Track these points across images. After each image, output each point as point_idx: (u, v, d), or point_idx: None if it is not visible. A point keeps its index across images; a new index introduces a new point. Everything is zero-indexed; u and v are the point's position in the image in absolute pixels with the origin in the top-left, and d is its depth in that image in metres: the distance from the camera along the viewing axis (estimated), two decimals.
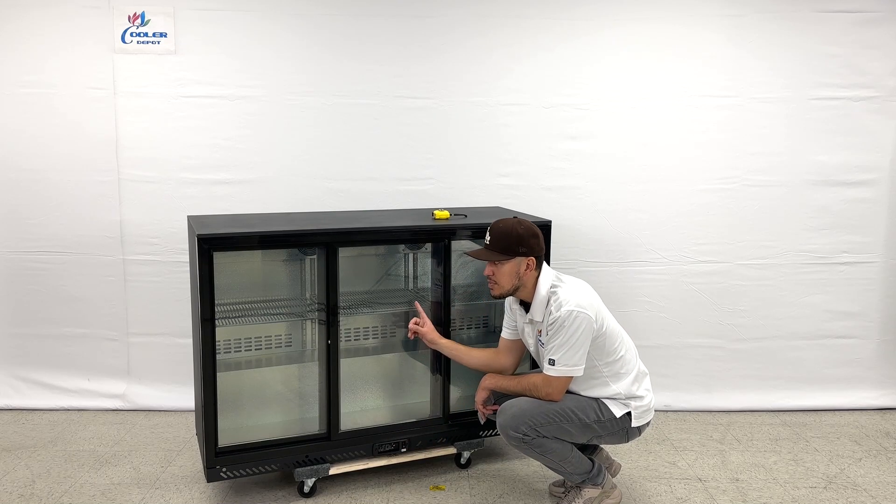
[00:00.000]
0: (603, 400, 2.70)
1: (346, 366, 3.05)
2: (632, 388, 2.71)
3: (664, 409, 3.88)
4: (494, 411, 2.82)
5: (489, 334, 3.51)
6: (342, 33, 3.61)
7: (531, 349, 2.84)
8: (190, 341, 3.37)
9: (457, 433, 3.13)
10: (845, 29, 3.68)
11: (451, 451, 3.13)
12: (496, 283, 2.70)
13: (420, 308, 3.01)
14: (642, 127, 3.73)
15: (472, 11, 3.64)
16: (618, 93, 3.70)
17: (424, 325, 2.97)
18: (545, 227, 3.12)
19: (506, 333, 2.94)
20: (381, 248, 3.30)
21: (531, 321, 2.73)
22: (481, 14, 3.65)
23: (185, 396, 3.68)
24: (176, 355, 3.70)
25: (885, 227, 3.85)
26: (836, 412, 3.90)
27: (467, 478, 3.11)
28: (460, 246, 3.31)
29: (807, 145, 3.76)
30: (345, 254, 2.98)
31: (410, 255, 3.35)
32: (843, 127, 3.76)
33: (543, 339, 2.67)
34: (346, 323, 3.25)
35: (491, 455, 3.31)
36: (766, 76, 3.71)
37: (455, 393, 3.18)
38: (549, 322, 2.61)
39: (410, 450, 3.06)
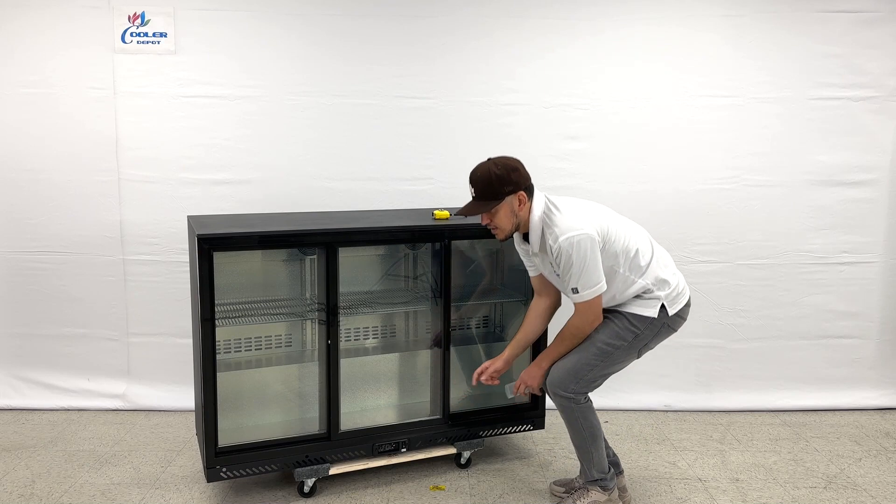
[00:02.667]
0: (633, 312, 2.65)
1: (346, 366, 3.05)
2: (658, 274, 2.65)
3: (664, 409, 3.88)
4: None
5: (489, 334, 3.52)
6: (342, 33, 3.61)
7: (553, 278, 2.75)
8: (190, 341, 3.37)
9: (457, 433, 3.13)
10: (845, 29, 3.68)
11: (451, 451, 3.13)
12: (497, 228, 2.65)
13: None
14: (642, 127, 3.73)
15: (472, 12, 3.65)
16: (618, 93, 3.70)
17: (492, 364, 2.89)
18: None
19: (530, 273, 2.89)
20: (381, 248, 3.30)
21: (536, 253, 2.68)
22: (482, 14, 3.65)
23: (185, 396, 3.68)
24: (176, 355, 3.70)
25: (885, 227, 3.85)
26: (836, 412, 3.90)
27: (467, 478, 3.11)
28: (460, 246, 3.31)
29: (807, 145, 3.77)
30: (345, 254, 2.98)
31: (410, 255, 3.35)
32: (843, 127, 3.76)
33: (557, 270, 2.63)
34: (346, 323, 3.25)
35: (491, 455, 3.31)
36: (766, 76, 3.71)
37: (455, 393, 3.18)
38: (554, 256, 2.56)
39: (410, 450, 3.06)
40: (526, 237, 2.71)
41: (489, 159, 2.67)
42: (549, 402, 3.34)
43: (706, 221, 3.79)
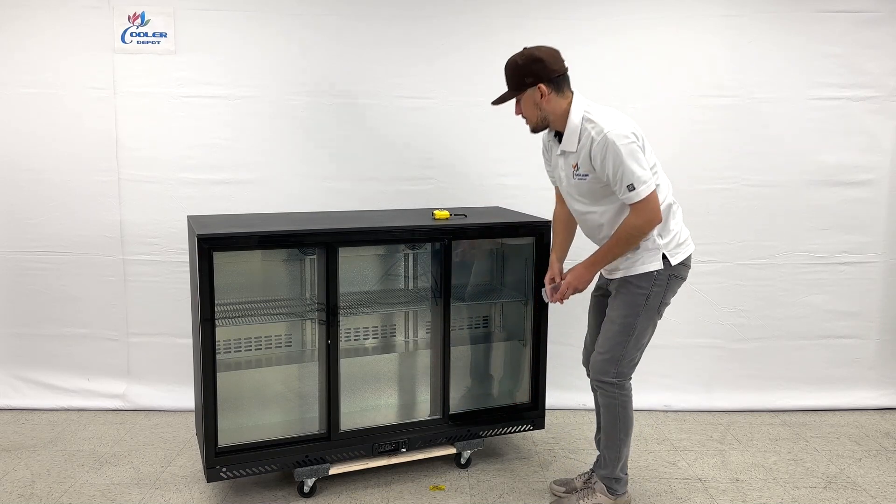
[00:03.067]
0: (635, 273, 2.60)
1: (346, 366, 3.05)
2: (666, 218, 2.60)
3: (664, 409, 3.88)
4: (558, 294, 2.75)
5: (489, 334, 3.52)
6: (342, 33, 3.61)
7: (563, 185, 2.72)
8: (190, 341, 3.37)
9: (457, 433, 3.12)
10: (845, 29, 3.68)
11: (451, 451, 3.13)
12: (525, 118, 2.64)
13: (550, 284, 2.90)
14: (642, 127, 3.71)
15: (472, 12, 3.64)
16: (618, 93, 3.69)
17: (556, 276, 2.84)
18: (545, 226, 3.12)
19: (554, 181, 2.87)
20: (381, 248, 3.30)
21: (564, 153, 2.62)
22: (482, 15, 3.65)
23: (185, 396, 3.68)
24: (176, 355, 3.70)
25: (885, 227, 3.85)
26: (836, 412, 3.90)
27: (467, 478, 3.11)
28: (461, 246, 3.31)
29: (807, 145, 3.76)
30: (345, 254, 2.98)
31: (410, 255, 3.35)
32: (843, 127, 3.76)
33: (580, 171, 2.56)
34: (346, 323, 3.25)
35: (491, 455, 3.31)
36: (766, 76, 3.71)
37: (455, 393, 3.18)
38: (593, 152, 2.48)
39: (410, 450, 3.06)
40: (558, 137, 2.64)
41: (523, 48, 2.61)
42: (548, 402, 3.35)
43: (706, 221, 3.79)
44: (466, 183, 3.75)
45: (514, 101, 2.65)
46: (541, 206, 3.71)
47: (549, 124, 2.63)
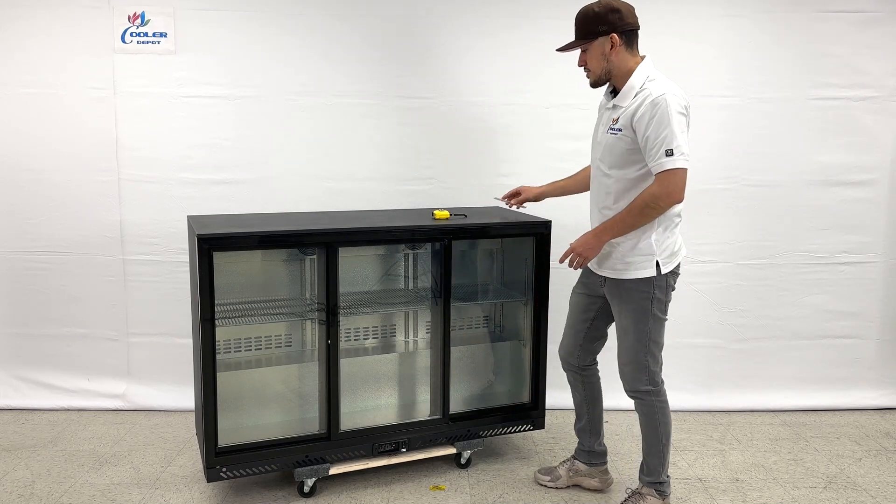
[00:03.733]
0: (633, 278, 2.59)
1: (346, 366, 3.05)
2: (670, 223, 2.59)
3: None
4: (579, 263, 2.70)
5: (489, 334, 3.52)
6: (342, 33, 3.61)
7: (595, 139, 2.71)
8: (190, 341, 3.37)
9: (457, 433, 3.13)
10: (845, 29, 3.68)
11: (451, 451, 3.13)
12: (589, 71, 2.61)
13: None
14: None
15: (472, 12, 3.64)
16: None
17: (525, 192, 3.05)
18: (545, 225, 3.12)
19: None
20: (381, 248, 3.30)
21: (615, 106, 2.58)
22: (482, 14, 3.65)
23: (185, 396, 3.68)
24: (176, 355, 3.70)
25: (885, 227, 3.85)
26: (836, 412, 3.90)
27: (467, 478, 3.11)
28: (461, 246, 3.31)
29: (807, 145, 3.77)
30: (345, 254, 2.98)
31: (410, 255, 3.35)
32: (843, 127, 3.76)
33: (617, 126, 2.54)
34: (346, 323, 3.26)
35: (491, 455, 3.31)
36: (766, 76, 3.71)
37: (455, 393, 3.18)
38: (641, 111, 2.45)
39: (410, 450, 3.06)
40: (614, 93, 2.62)
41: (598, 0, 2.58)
42: (548, 402, 3.35)
43: (706, 221, 3.79)
44: (466, 183, 3.75)
45: (578, 53, 2.64)
46: (541, 206, 3.71)
47: (612, 79, 2.60)
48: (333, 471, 2.93)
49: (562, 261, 2.71)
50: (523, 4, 3.65)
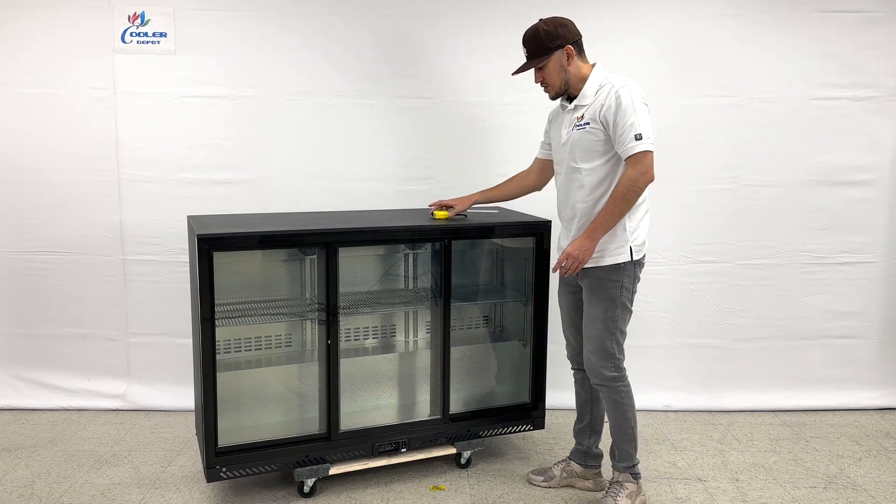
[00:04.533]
0: (605, 265, 2.70)
1: (346, 366, 3.05)
2: (640, 212, 2.73)
3: (664, 409, 3.88)
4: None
5: (489, 334, 3.52)
6: (342, 33, 3.61)
7: (558, 143, 2.82)
8: (190, 341, 3.37)
9: (457, 433, 3.12)
10: (845, 29, 3.68)
11: (451, 451, 3.13)
12: (548, 85, 2.76)
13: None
14: None
15: (472, 12, 3.64)
16: None
17: (452, 201, 3.12)
18: (545, 225, 3.12)
19: (540, 153, 3.06)
20: (381, 248, 3.30)
21: (576, 107, 2.72)
22: (482, 14, 3.65)
23: (185, 396, 3.68)
24: (176, 355, 3.70)
25: (885, 227, 3.85)
26: (836, 412, 3.90)
27: (467, 478, 3.11)
28: (461, 246, 3.31)
29: (807, 145, 3.77)
30: (345, 254, 2.98)
31: (410, 255, 3.35)
32: (843, 127, 3.76)
33: (583, 121, 2.67)
34: (346, 323, 3.25)
35: (491, 455, 3.31)
36: (766, 76, 3.71)
37: (455, 393, 3.18)
38: (608, 101, 2.60)
39: (410, 450, 3.06)
40: (569, 100, 2.76)
41: (539, 19, 2.77)
42: (548, 402, 3.35)
43: (706, 221, 3.79)
44: (466, 183, 3.74)
45: (532, 71, 2.79)
46: (541, 207, 3.71)
47: (569, 88, 2.74)
48: (333, 471, 2.93)
49: (555, 269, 2.77)
50: (523, 4, 3.64)
